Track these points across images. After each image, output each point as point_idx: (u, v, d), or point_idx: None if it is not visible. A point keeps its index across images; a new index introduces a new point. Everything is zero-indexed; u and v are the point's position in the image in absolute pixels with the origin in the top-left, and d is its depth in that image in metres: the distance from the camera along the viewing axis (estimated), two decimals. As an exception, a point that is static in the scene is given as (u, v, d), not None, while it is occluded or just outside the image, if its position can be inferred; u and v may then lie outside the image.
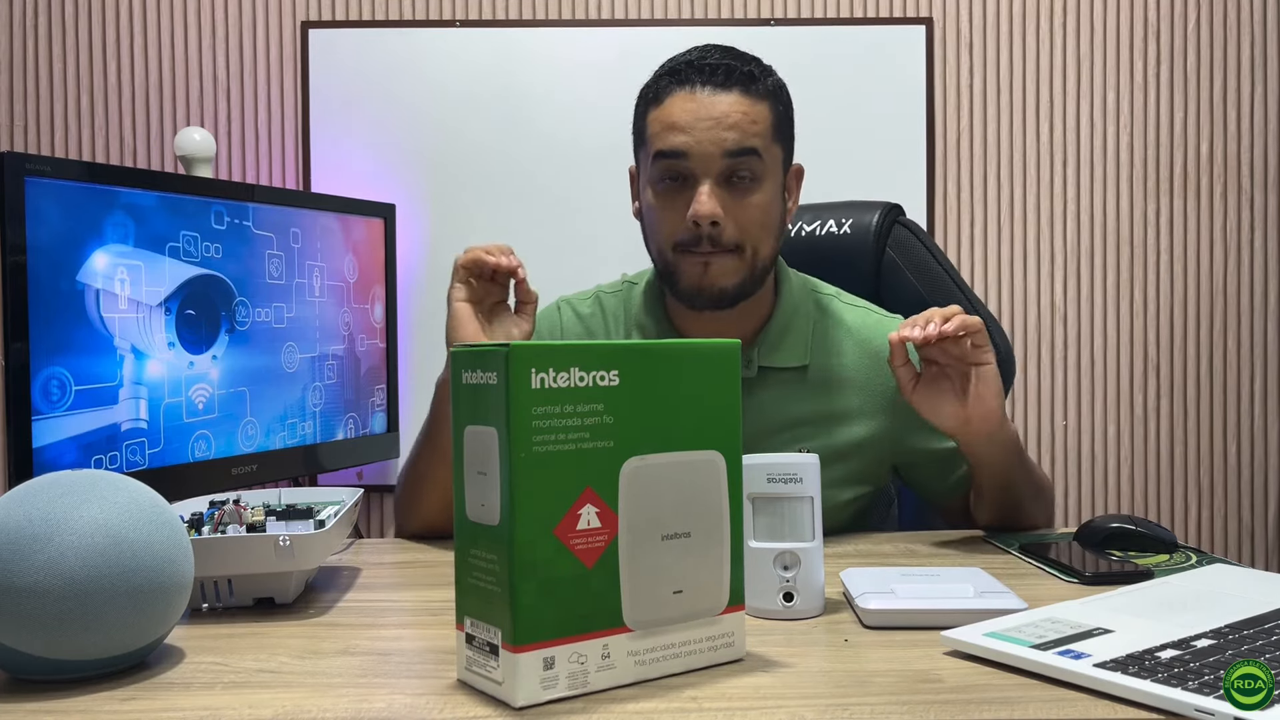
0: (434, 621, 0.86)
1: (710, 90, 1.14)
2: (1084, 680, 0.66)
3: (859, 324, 1.26)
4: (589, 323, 1.29)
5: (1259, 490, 2.56)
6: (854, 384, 1.23)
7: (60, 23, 2.50)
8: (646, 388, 0.70)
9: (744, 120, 1.13)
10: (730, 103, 1.14)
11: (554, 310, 1.32)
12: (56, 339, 1.66)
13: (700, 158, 1.13)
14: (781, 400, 1.22)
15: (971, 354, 1.07)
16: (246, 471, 2.00)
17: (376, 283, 2.34)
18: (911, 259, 1.50)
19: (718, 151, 1.13)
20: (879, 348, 1.23)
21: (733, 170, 1.14)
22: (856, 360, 1.24)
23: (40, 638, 0.68)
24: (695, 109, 1.13)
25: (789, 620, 0.84)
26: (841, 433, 1.23)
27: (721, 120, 1.13)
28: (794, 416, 1.22)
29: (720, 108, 1.13)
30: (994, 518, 1.20)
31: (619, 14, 2.50)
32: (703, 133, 1.13)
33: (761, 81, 1.17)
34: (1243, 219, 2.54)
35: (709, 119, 1.13)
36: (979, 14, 2.52)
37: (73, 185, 1.70)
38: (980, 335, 1.07)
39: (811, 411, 1.22)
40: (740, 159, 1.13)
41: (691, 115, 1.13)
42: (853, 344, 1.25)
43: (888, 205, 1.54)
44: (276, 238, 2.08)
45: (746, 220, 1.15)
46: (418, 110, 2.49)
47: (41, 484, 0.72)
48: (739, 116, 1.13)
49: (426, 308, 2.50)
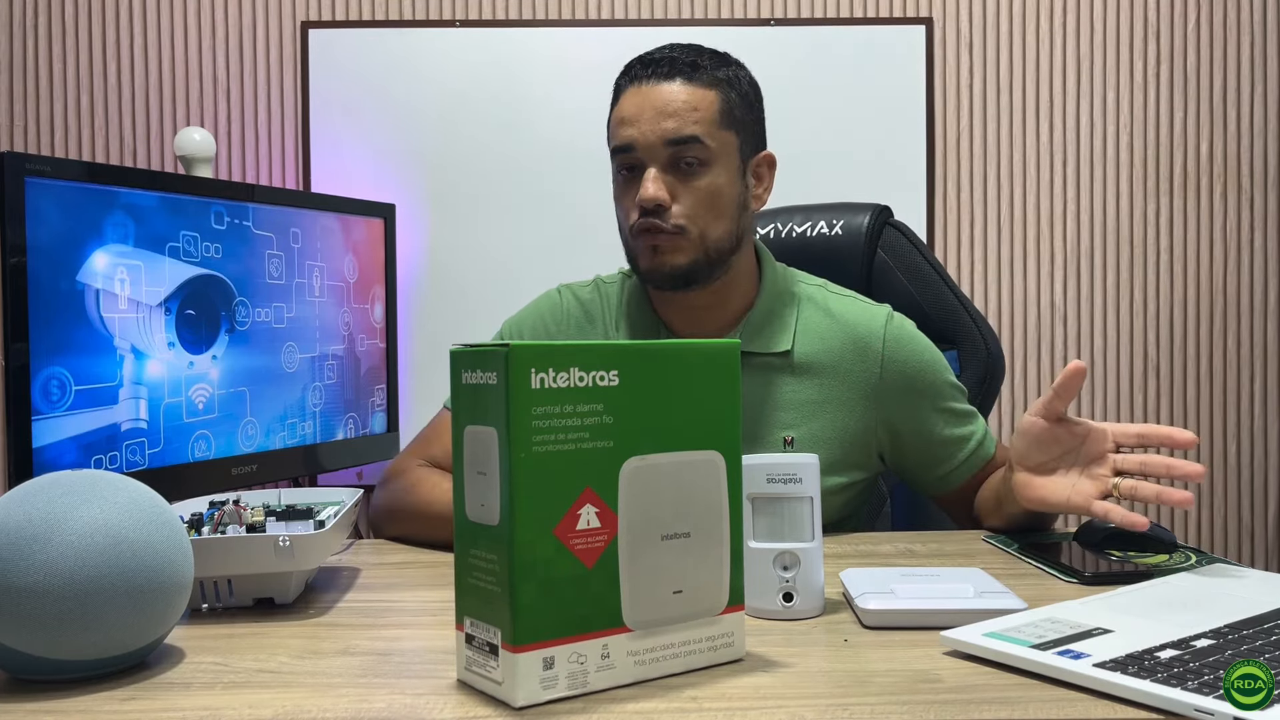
0: (434, 621, 0.86)
1: (654, 82, 1.20)
2: (1084, 680, 0.66)
3: (844, 311, 1.27)
4: (588, 306, 1.32)
5: (1259, 490, 2.56)
6: (838, 371, 1.24)
7: (60, 23, 2.50)
8: (646, 388, 0.70)
9: (684, 108, 1.18)
10: (671, 92, 1.19)
11: (555, 294, 1.35)
12: (56, 339, 1.67)
13: (645, 147, 1.18)
14: (764, 386, 1.24)
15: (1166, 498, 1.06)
16: (246, 471, 2.00)
17: (376, 283, 2.34)
18: (902, 260, 1.52)
19: (659, 140, 1.18)
20: (863, 335, 1.25)
21: (678, 156, 1.18)
22: (841, 347, 1.25)
23: (40, 638, 0.68)
24: (640, 101, 1.20)
25: (789, 620, 0.84)
26: (826, 419, 1.24)
27: (663, 109, 1.18)
28: (776, 402, 1.23)
29: (662, 98, 1.19)
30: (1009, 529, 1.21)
31: (619, 14, 2.50)
32: (646, 123, 1.18)
33: (708, 71, 1.21)
34: (1243, 219, 2.54)
35: (651, 109, 1.19)
36: (979, 14, 2.52)
37: (73, 185, 1.70)
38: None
39: (795, 397, 1.24)
40: (683, 146, 1.18)
41: (637, 108, 1.19)
42: (838, 331, 1.25)
43: (878, 207, 1.56)
44: (276, 238, 2.08)
45: (693, 203, 1.19)
46: (418, 110, 2.49)
47: (41, 484, 0.72)
48: (679, 105, 1.18)
49: (426, 308, 2.50)
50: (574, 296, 1.33)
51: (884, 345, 1.24)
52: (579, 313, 1.31)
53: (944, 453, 1.26)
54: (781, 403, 1.23)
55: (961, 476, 1.27)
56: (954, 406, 1.27)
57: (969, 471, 1.27)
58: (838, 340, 1.25)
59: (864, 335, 1.25)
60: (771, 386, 1.24)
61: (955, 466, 1.26)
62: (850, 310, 1.27)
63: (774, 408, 1.23)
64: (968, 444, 1.26)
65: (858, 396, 1.24)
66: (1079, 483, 1.09)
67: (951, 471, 1.26)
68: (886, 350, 1.24)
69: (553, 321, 1.31)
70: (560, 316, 1.31)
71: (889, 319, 1.26)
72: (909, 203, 2.49)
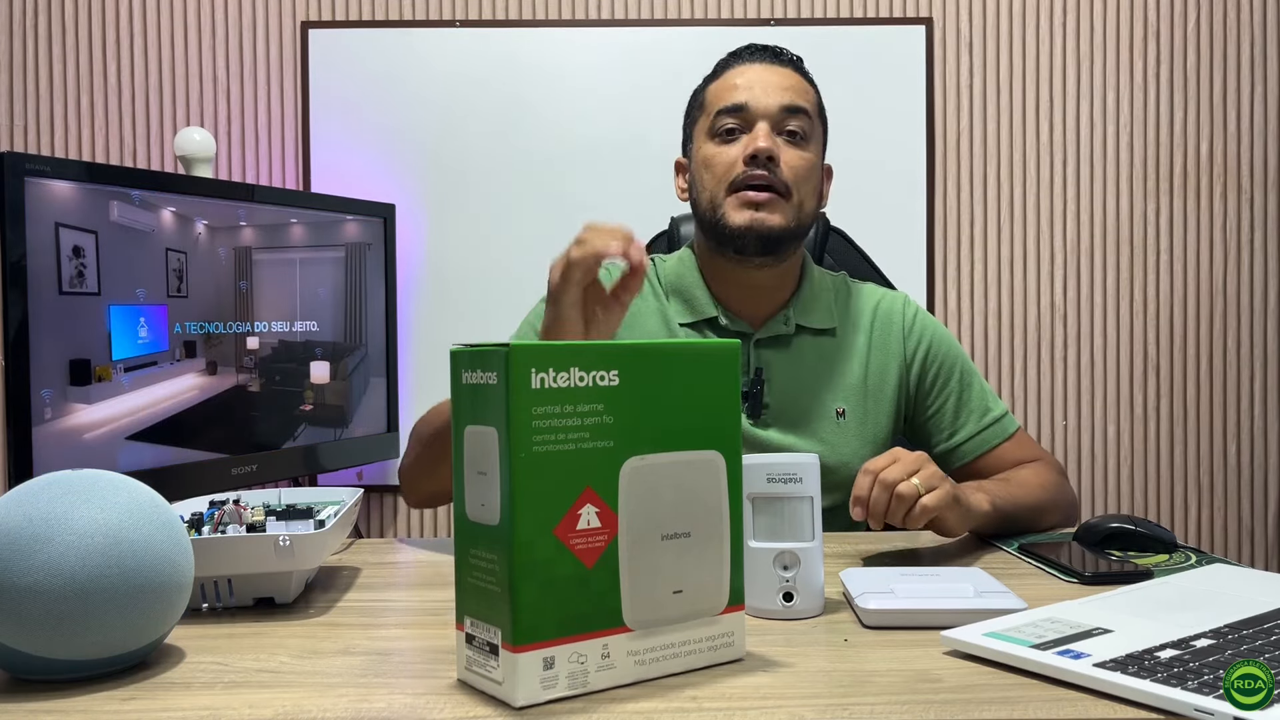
0: (434, 621, 0.86)
1: (767, 63, 1.28)
2: (1083, 680, 0.66)
3: (870, 295, 1.37)
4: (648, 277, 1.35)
5: (1259, 490, 2.56)
6: (873, 350, 1.33)
7: (60, 23, 2.50)
8: (646, 388, 0.70)
9: (798, 86, 1.26)
10: (786, 73, 1.27)
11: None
12: (57, 339, 1.66)
13: (758, 108, 1.24)
14: (817, 358, 1.30)
15: (912, 524, 1.02)
16: (246, 471, 2.00)
17: (376, 283, 2.34)
18: (848, 264, 1.61)
19: (775, 104, 1.24)
20: (888, 314, 1.35)
21: (788, 123, 1.24)
22: (871, 327, 1.34)
23: (40, 638, 0.67)
24: (754, 75, 1.26)
25: (789, 620, 0.84)
26: (868, 396, 1.30)
27: (779, 83, 1.25)
28: (829, 375, 1.30)
29: (777, 75, 1.26)
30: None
31: (619, 14, 2.50)
32: (761, 90, 1.24)
33: (808, 74, 1.31)
34: (1243, 219, 2.54)
35: (767, 81, 1.25)
36: (979, 14, 2.52)
37: (73, 185, 1.70)
38: (906, 505, 1.01)
39: (842, 372, 1.30)
40: (795, 115, 1.24)
41: (750, 79, 1.26)
42: (868, 311, 1.35)
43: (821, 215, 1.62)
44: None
45: (799, 167, 1.24)
46: (418, 110, 2.49)
47: (41, 484, 0.72)
48: (794, 82, 1.26)
49: (426, 308, 2.50)
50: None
51: (904, 322, 1.34)
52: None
53: (959, 421, 1.32)
54: (834, 376, 1.30)
55: (975, 449, 1.31)
56: (973, 380, 1.34)
57: (981, 446, 1.31)
58: (868, 321, 1.34)
59: (888, 314, 1.34)
60: (823, 360, 1.30)
61: (969, 437, 1.31)
62: (874, 294, 1.37)
63: (828, 381, 1.30)
64: (984, 416, 1.32)
65: (891, 373, 1.32)
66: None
67: (964, 443, 1.31)
68: (908, 326, 1.34)
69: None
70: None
71: (907, 301, 1.37)
72: (909, 203, 2.49)
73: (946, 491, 1.01)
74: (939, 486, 1.01)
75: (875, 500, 0.99)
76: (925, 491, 1.00)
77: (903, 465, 1.02)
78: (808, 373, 1.29)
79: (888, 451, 1.05)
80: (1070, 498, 1.29)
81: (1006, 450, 1.30)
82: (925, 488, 1.00)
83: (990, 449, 1.30)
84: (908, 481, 1.00)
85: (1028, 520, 1.19)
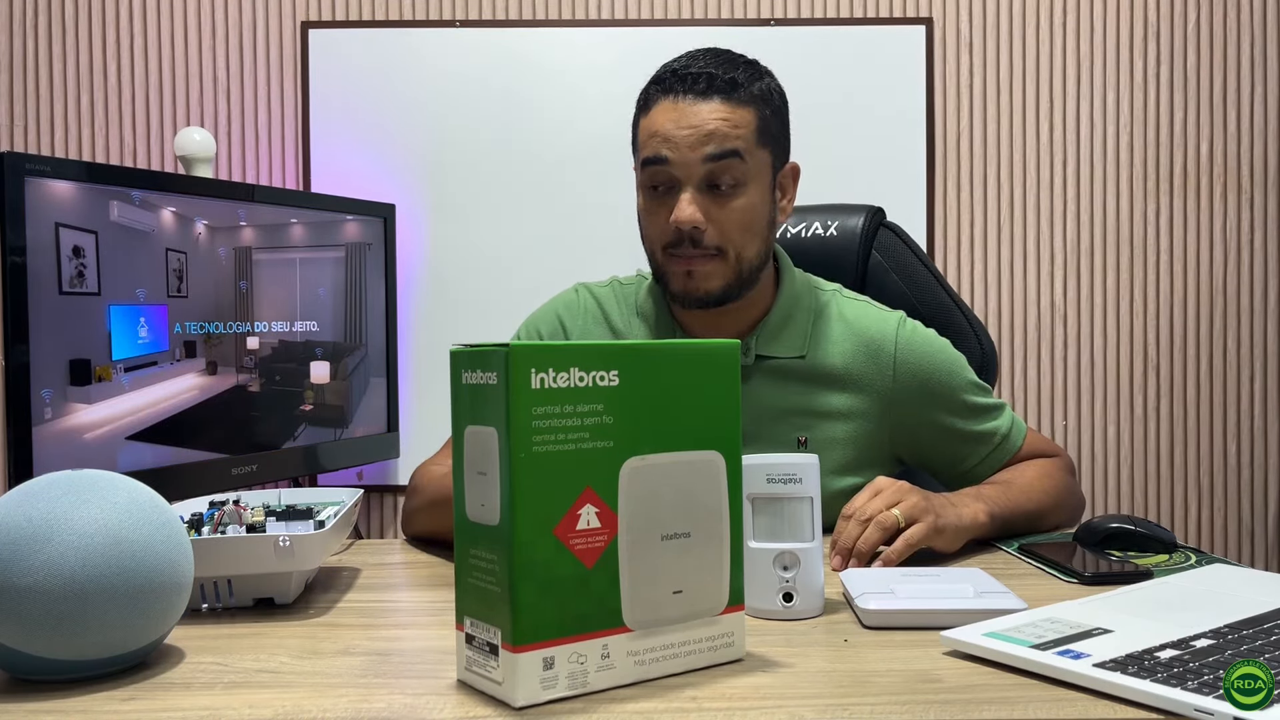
0: (434, 621, 0.86)
1: (692, 99, 1.16)
2: (1083, 680, 0.66)
3: (856, 317, 1.28)
4: (604, 304, 1.32)
5: (1259, 490, 2.56)
6: (850, 376, 1.25)
7: (60, 23, 2.50)
8: (646, 388, 0.70)
9: (724, 127, 1.15)
10: (710, 110, 1.16)
11: (573, 293, 1.35)
12: (57, 339, 1.66)
13: (681, 165, 1.16)
14: (778, 389, 1.24)
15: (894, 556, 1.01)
16: (246, 471, 2.00)
17: (376, 283, 2.34)
18: (896, 261, 1.53)
19: (697, 159, 1.15)
20: (875, 340, 1.26)
21: (714, 176, 1.16)
22: (853, 352, 1.26)
23: (40, 638, 0.67)
24: (677, 117, 1.16)
25: (789, 620, 0.84)
26: (837, 423, 1.25)
27: (701, 128, 1.15)
28: (790, 405, 1.24)
29: (701, 115, 1.15)
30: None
31: (619, 14, 2.50)
32: (683, 141, 1.15)
33: (745, 88, 1.18)
34: (1243, 219, 2.54)
35: (689, 127, 1.15)
36: (979, 14, 2.52)
37: (73, 185, 1.70)
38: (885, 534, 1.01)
39: (807, 401, 1.24)
40: (721, 165, 1.15)
41: (673, 124, 1.16)
42: (850, 337, 1.26)
43: (872, 209, 1.57)
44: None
45: (729, 225, 1.17)
46: (418, 110, 2.49)
47: (41, 484, 0.72)
48: (718, 124, 1.15)
49: (426, 308, 2.50)
50: (591, 295, 1.33)
51: (896, 350, 1.25)
52: (595, 310, 1.32)
53: (965, 450, 1.27)
54: (793, 406, 1.24)
55: (986, 472, 1.28)
56: (974, 403, 1.27)
57: (992, 467, 1.28)
58: (850, 346, 1.26)
59: (876, 340, 1.26)
60: (786, 390, 1.24)
61: (978, 462, 1.28)
62: (863, 316, 1.28)
63: (786, 411, 1.24)
64: (991, 440, 1.27)
65: (872, 402, 1.25)
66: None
67: (975, 468, 1.28)
68: (899, 355, 1.25)
69: (569, 318, 1.32)
70: (576, 313, 1.32)
71: (900, 324, 1.27)
72: (909, 203, 2.49)
73: (929, 524, 1.01)
74: (921, 519, 1.01)
75: (847, 536, 1.00)
76: (906, 524, 1.01)
77: (883, 498, 1.02)
78: (766, 403, 1.23)
79: (868, 485, 1.05)
80: (1077, 499, 1.28)
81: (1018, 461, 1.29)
82: (907, 519, 1.01)
83: (1001, 466, 1.28)
84: (887, 513, 1.01)
85: (1029, 523, 1.19)
